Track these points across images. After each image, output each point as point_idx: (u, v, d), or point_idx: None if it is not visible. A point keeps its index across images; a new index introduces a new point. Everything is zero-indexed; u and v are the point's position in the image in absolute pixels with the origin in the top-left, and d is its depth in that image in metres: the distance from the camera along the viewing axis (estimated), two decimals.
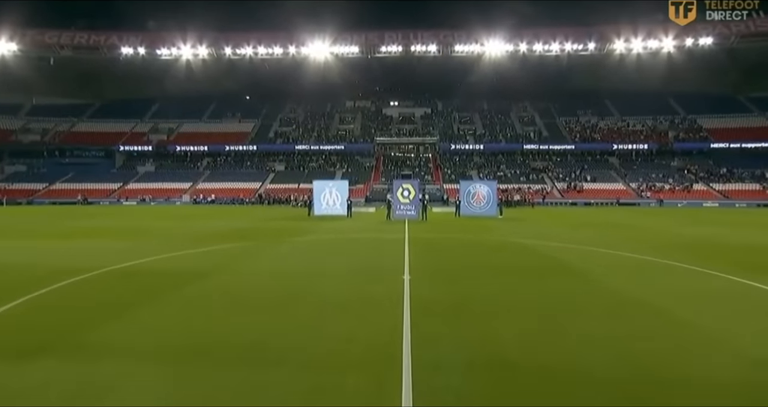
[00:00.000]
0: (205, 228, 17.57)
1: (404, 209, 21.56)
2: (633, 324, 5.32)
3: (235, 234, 15.35)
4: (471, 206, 23.97)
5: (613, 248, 11.54)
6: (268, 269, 8.71)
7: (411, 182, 21.79)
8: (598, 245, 12.18)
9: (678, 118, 58.18)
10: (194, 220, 22.32)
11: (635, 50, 42.41)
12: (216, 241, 12.96)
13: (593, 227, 18.44)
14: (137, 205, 43.12)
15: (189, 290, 6.91)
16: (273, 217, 24.46)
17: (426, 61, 47.22)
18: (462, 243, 13.18)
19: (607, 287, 7.27)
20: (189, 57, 45.73)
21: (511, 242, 13.02)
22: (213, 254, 10.43)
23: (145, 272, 8.29)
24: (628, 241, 13.46)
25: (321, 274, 8.09)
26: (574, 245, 12.10)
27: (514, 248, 11.74)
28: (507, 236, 14.86)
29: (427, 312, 5.73)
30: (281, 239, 13.87)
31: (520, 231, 16.58)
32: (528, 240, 13.38)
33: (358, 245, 12.63)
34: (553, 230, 17.34)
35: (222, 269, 8.58)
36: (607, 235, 15.35)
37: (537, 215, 27.01)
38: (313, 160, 57.12)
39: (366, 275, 7.99)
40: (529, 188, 47.50)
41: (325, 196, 24.17)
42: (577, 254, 10.64)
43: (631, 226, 19.21)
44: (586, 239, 13.98)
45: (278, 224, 19.42)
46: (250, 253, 10.77)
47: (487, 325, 5.24)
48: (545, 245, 12.39)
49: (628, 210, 34.41)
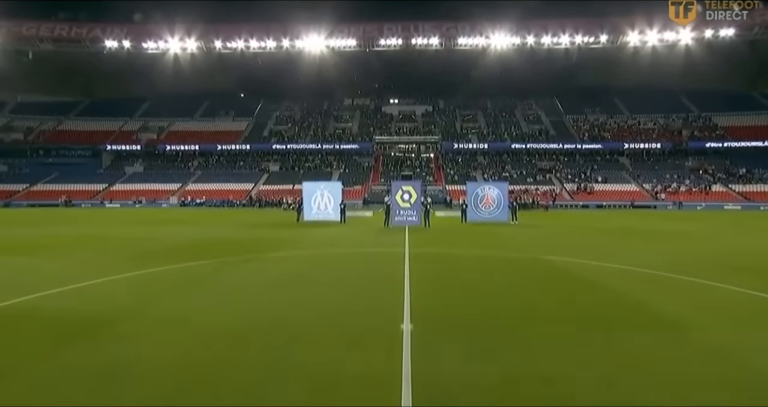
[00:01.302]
0: (171, 238, 14.99)
1: (404, 215, 18.99)
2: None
3: (199, 247, 12.77)
4: (479, 210, 21.40)
5: (681, 270, 8.88)
6: (199, 316, 5.85)
7: (412, 184, 19.22)
8: (654, 264, 9.57)
9: (692, 115, 55.57)
10: (167, 226, 19.75)
11: (650, 43, 39.81)
12: (167, 258, 10.39)
13: (629, 237, 15.82)
14: (121, 208, 40.54)
15: (36, 370, 4.31)
16: (257, 223, 21.88)
17: (427, 56, 44.68)
18: (477, 262, 10.59)
19: (744, 362, 4.41)
20: (177, 51, 43.18)
21: (539, 262, 10.43)
22: (141, 284, 7.86)
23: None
24: (693, 258, 10.85)
25: (276, 326, 5.48)
26: (625, 266, 9.48)
27: (547, 272, 9.14)
28: (529, 250, 12.27)
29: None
30: (253, 255, 11.29)
31: (543, 243, 14.00)
32: (559, 257, 10.78)
33: (344, 266, 10.05)
34: (582, 240, 14.75)
35: (127, 315, 5.86)
36: (656, 248, 12.70)
37: (553, 220, 24.42)
38: (309, 160, 54.55)
39: (344, 329, 5.39)
40: (536, 190, 44.90)
41: (316, 199, 21.61)
42: (637, 281, 8.06)
43: (675, 234, 16.54)
44: (631, 254, 11.37)
45: (258, 233, 16.84)
46: (196, 281, 8.18)
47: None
48: (585, 264, 9.80)
49: (649, 214, 31.75)
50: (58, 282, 7.59)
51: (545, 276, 8.68)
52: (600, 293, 7.17)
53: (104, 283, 7.78)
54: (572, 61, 45.32)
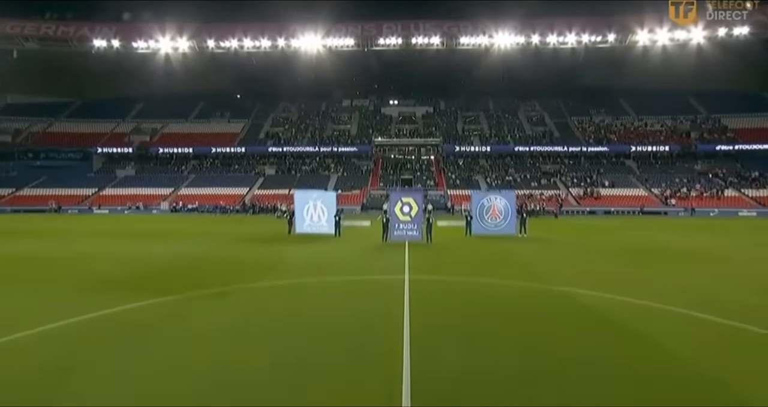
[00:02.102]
0: (141, 260, 13.39)
1: (404, 229, 17.40)
2: None
3: (169, 273, 11.16)
4: (485, 222, 19.79)
5: (744, 315, 7.28)
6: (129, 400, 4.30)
7: (412, 196, 17.63)
8: (706, 304, 7.98)
9: (700, 117, 54.06)
10: (145, 241, 18.14)
11: (660, 42, 38.20)
12: (124, 292, 8.80)
13: (656, 258, 14.18)
14: (109, 214, 38.93)
15: None
16: (244, 236, 20.27)
17: (428, 55, 43.08)
18: (490, 298, 9.00)
19: None
20: (168, 51, 41.57)
21: (565, 298, 8.83)
22: (69, 340, 6.27)
23: None
24: (745, 293, 9.26)
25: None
26: (674, 308, 7.88)
27: (580, 315, 7.56)
28: (549, 278, 10.66)
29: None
30: (227, 286, 9.67)
31: (562, 267, 12.39)
32: (588, 291, 9.18)
33: (331, 306, 8.46)
34: (605, 264, 13.12)
35: None
36: (694, 277, 11.10)
37: (564, 233, 22.80)
38: (307, 163, 53.02)
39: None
40: (541, 195, 43.36)
41: (308, 210, 20.00)
42: (696, 333, 6.46)
43: (706, 255, 14.82)
44: (669, 286, 9.78)
45: (241, 252, 15.22)
46: (143, 335, 6.58)
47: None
48: (621, 302, 8.21)
49: (663, 223, 30.13)
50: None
51: (579, 321, 7.09)
52: (657, 353, 5.57)
53: (19, 341, 6.18)
54: (577, 62, 43.72)
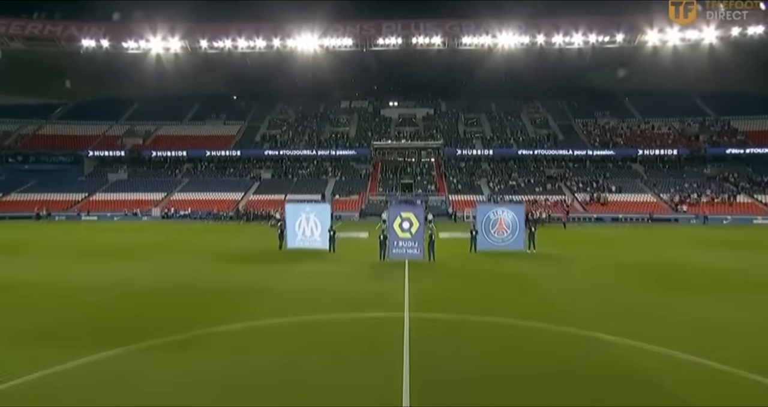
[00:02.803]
0: (102, 290, 11.93)
1: (404, 247, 15.95)
2: None
3: (125, 312, 9.67)
4: (491, 237, 18.35)
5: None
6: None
7: (412, 211, 16.17)
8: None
9: (708, 119, 52.51)
10: (118, 261, 16.68)
11: (671, 42, 36.73)
12: (62, 343, 7.39)
13: (687, 282, 12.75)
14: (97, 221, 37.49)
15: None
16: (227, 252, 18.82)
17: (429, 56, 41.62)
18: (506, 351, 7.56)
19: None
20: (160, 51, 40.12)
21: (601, 351, 7.38)
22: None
23: None
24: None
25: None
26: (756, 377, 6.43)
27: (624, 385, 6.12)
28: (576, 319, 9.20)
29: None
30: (191, 331, 8.21)
31: (585, 297, 10.93)
32: (626, 339, 7.72)
33: (307, 364, 7.03)
34: (634, 290, 11.65)
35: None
36: (747, 314, 9.65)
37: (576, 244, 21.38)
38: (304, 166, 51.53)
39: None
40: (546, 200, 41.85)
41: (300, 223, 18.56)
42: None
43: (743, 280, 13.22)
44: (722, 331, 8.33)
45: (215, 277, 13.66)
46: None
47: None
48: (678, 361, 6.76)
49: (676, 231, 28.66)
50: None
51: (617, 386, 5.63)
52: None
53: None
54: (582, 62, 42.27)
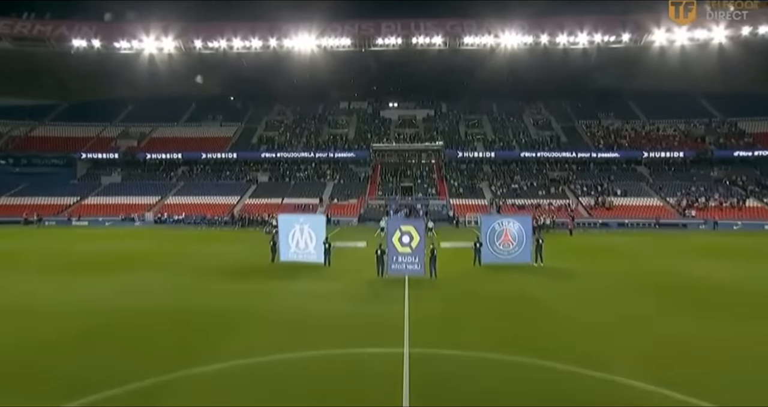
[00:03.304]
0: (65, 316, 10.85)
1: (404, 262, 14.88)
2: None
3: (81, 350, 8.57)
4: (496, 250, 17.29)
5: None
6: None
7: (413, 224, 15.09)
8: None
9: (714, 121, 51.47)
10: (95, 274, 15.61)
11: (679, 42, 35.65)
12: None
13: (722, 305, 11.69)
14: (88, 226, 36.39)
15: None
16: (215, 265, 17.75)
17: (429, 56, 40.53)
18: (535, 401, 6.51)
19: None
20: (153, 51, 39.03)
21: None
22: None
23: None
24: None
25: None
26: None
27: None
28: (601, 358, 8.14)
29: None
30: (154, 377, 7.14)
31: (611, 326, 9.86)
32: (666, 390, 6.65)
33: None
34: (659, 313, 10.59)
35: None
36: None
37: (586, 255, 20.30)
38: (302, 169, 50.47)
39: None
40: (550, 205, 40.80)
41: (294, 235, 17.49)
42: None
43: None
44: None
45: (196, 298, 12.59)
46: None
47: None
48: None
49: (688, 238, 27.61)
50: None
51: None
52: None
53: None
54: (586, 63, 41.16)
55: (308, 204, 42.44)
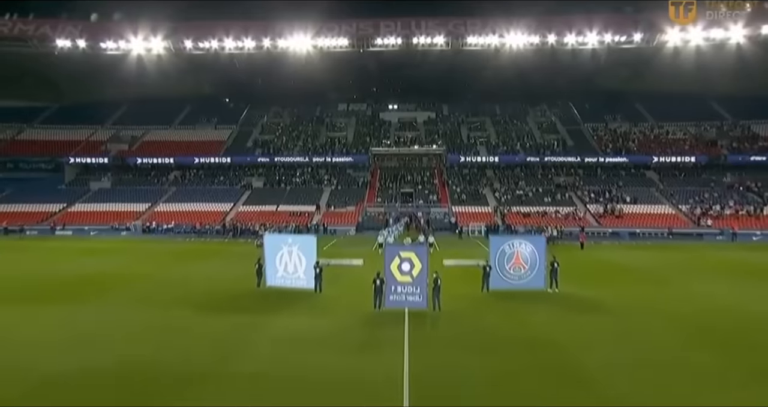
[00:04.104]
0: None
1: (403, 293, 13.08)
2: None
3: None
4: (506, 275, 15.52)
5: None
6: None
7: (414, 250, 13.27)
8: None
9: (726, 124, 49.68)
10: (26, 307, 13.83)
11: (693, 42, 33.85)
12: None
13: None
14: (72, 236, 34.64)
15: None
16: (193, 290, 16.02)
17: (431, 57, 38.75)
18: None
19: None
20: (141, 52, 37.28)
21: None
22: None
23: None
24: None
25: None
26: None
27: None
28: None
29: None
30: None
31: (660, 390, 8.06)
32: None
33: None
34: (716, 372, 8.80)
35: None
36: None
37: (604, 277, 18.53)
38: (297, 174, 48.70)
39: None
40: (556, 213, 39.00)
41: (282, 258, 15.72)
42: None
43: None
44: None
45: (156, 341, 10.77)
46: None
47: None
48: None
49: (708, 251, 25.83)
50: None
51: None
52: None
53: None
54: (596, 63, 39.39)
55: (304, 212, 40.72)
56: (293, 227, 34.14)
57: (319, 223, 38.39)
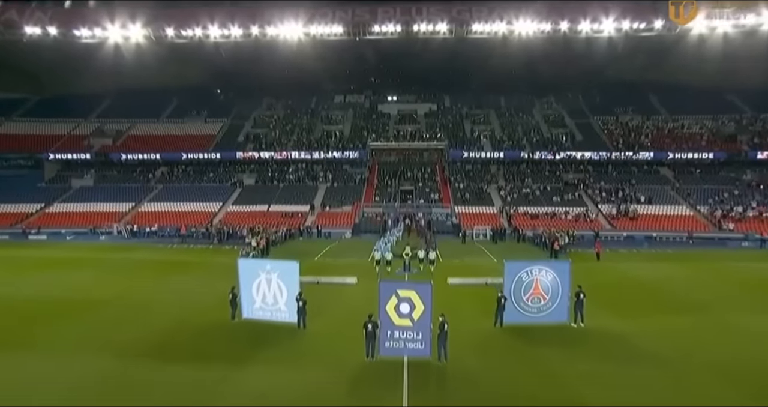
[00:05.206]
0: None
1: (402, 339, 10.70)
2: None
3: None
4: (523, 305, 13.16)
5: None
6: None
7: (415, 288, 10.81)
8: None
9: (745, 117, 46.93)
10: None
11: (721, 29, 31.00)
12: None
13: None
14: (47, 241, 32.20)
15: None
16: (156, 321, 13.65)
17: (433, 45, 35.87)
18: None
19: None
20: (119, 40, 34.39)
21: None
22: None
23: None
24: None
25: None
26: None
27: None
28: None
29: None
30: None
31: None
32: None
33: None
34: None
35: None
36: None
37: (635, 301, 16.17)
38: (291, 170, 46.14)
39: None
40: (566, 214, 36.57)
41: (259, 287, 13.32)
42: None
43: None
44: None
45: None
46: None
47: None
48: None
49: (740, 262, 23.39)
50: None
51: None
52: None
53: None
54: (611, 52, 36.52)
55: (297, 212, 38.30)
56: (284, 231, 31.70)
57: (312, 225, 36.01)
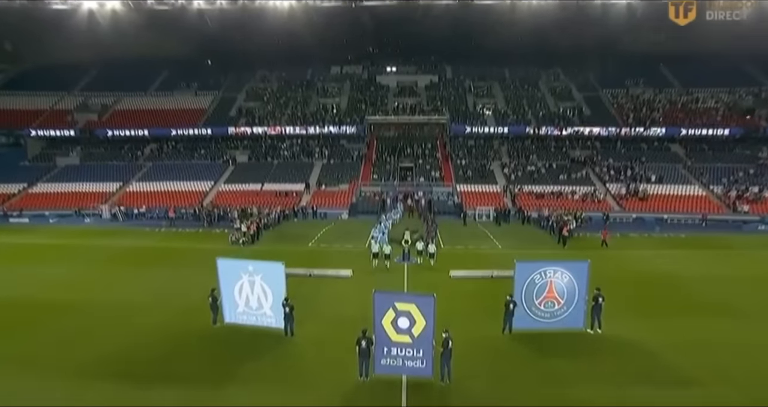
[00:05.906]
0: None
1: (400, 356, 9.42)
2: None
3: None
4: (537, 311, 11.87)
5: None
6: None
7: (415, 301, 9.43)
8: None
9: (764, 90, 44.48)
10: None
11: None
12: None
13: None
14: (29, 224, 30.74)
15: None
16: (132, 330, 12.36)
17: (434, 11, 33.17)
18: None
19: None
20: (93, 6, 31.68)
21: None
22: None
23: None
24: None
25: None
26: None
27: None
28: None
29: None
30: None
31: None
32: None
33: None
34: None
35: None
36: None
37: (655, 300, 14.87)
38: (285, 146, 44.16)
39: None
40: (573, 194, 35.01)
41: (242, 289, 11.97)
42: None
43: None
44: None
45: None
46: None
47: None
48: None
49: (762, 245, 22.08)
50: None
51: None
52: None
53: None
54: (627, 20, 33.88)
55: (292, 191, 36.72)
56: (278, 212, 30.24)
57: (307, 205, 34.52)
